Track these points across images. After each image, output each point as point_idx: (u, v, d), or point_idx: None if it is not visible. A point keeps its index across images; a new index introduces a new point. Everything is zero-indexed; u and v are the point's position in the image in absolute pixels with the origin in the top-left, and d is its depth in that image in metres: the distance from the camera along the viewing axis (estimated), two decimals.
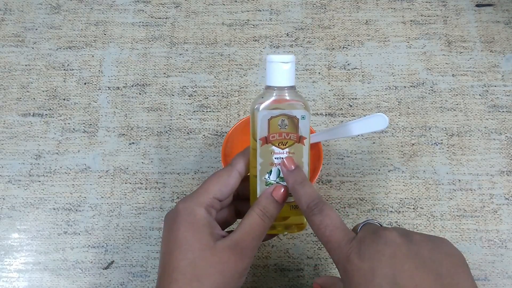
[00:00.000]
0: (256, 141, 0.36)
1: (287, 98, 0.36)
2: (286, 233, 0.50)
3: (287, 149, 0.37)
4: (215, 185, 0.36)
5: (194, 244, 0.34)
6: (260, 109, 0.36)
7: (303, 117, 0.36)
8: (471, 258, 0.50)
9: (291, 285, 0.49)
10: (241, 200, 0.40)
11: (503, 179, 0.53)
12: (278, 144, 0.36)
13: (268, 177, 0.37)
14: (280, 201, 0.37)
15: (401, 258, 0.30)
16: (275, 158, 0.37)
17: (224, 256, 0.34)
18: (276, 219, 0.37)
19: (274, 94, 0.36)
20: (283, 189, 0.37)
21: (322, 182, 0.53)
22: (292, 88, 0.36)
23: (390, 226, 0.38)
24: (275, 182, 0.37)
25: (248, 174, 0.39)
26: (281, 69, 0.36)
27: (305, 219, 0.38)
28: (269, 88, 0.36)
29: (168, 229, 0.35)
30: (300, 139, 0.37)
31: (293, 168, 0.37)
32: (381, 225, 0.35)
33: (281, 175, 0.37)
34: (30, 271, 0.50)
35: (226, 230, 0.39)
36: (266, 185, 0.37)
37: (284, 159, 0.37)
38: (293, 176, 0.37)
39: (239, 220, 0.40)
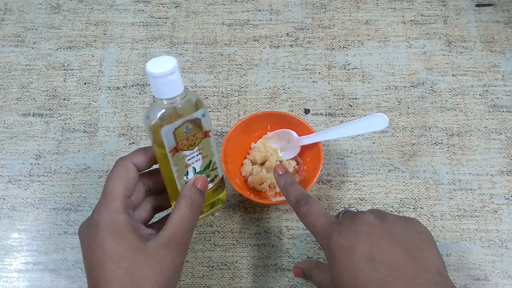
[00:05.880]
0: (159, 149, 0.36)
1: (180, 106, 0.35)
2: (215, 212, 0.49)
3: (196, 148, 0.37)
4: (119, 185, 0.35)
5: (125, 251, 0.33)
6: (155, 122, 0.34)
7: (203, 115, 0.36)
8: (471, 258, 0.50)
9: (291, 285, 0.49)
10: (155, 195, 0.40)
11: (503, 179, 0.53)
12: (188, 147, 0.36)
13: (187, 178, 0.38)
14: (204, 190, 0.38)
15: (376, 236, 0.34)
16: (188, 160, 0.37)
17: (160, 255, 0.34)
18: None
19: (167, 104, 0.34)
20: (203, 178, 0.38)
21: (322, 182, 0.53)
22: (182, 93, 0.35)
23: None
24: None
25: (154, 168, 0.39)
26: (168, 81, 0.33)
27: (225, 192, 0.42)
28: (159, 100, 0.34)
29: (90, 243, 0.34)
30: (205, 134, 0.37)
31: (282, 173, 0.44)
32: (358, 211, 0.39)
33: (197, 170, 0.38)
34: (30, 271, 0.50)
35: (148, 224, 0.39)
36: None
37: (276, 167, 0.44)
38: (283, 179, 0.43)
39: (158, 215, 0.41)
